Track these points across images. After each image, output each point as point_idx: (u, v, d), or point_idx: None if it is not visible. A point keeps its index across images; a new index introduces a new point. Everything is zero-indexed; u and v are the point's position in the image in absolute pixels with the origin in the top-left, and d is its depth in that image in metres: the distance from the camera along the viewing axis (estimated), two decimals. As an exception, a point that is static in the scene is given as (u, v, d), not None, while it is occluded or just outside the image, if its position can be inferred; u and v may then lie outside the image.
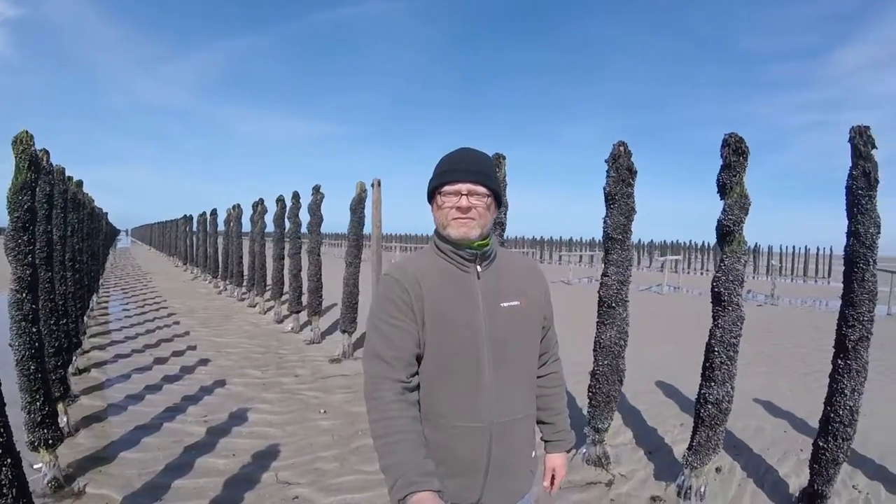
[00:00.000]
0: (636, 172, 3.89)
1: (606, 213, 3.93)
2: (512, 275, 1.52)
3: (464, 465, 1.42)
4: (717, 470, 3.98)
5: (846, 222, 3.28)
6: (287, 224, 9.19)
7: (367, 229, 6.98)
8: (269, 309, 10.39)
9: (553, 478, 1.67)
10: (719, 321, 3.48)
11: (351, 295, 7.00)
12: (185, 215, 21.75)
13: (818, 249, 38.69)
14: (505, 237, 4.74)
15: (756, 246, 38.67)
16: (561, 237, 49.93)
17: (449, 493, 1.31)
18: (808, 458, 3.92)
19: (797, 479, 3.93)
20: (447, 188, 1.43)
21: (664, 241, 45.78)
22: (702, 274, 32.78)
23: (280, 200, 9.65)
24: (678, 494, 3.59)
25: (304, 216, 8.31)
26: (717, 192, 3.52)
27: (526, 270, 1.58)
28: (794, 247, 39.74)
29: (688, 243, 44.05)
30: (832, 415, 3.28)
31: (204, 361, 6.62)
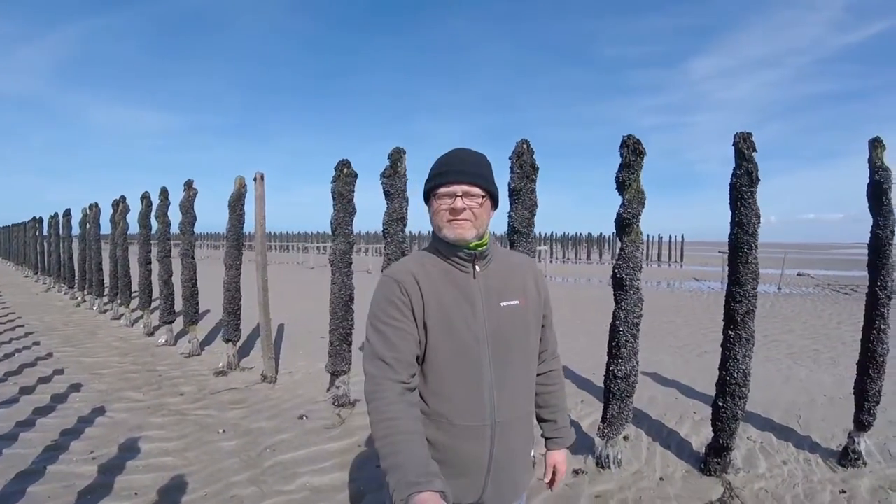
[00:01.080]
0: (538, 169, 3.88)
1: (511, 207, 3.89)
2: (511, 274, 1.52)
3: (466, 464, 1.42)
4: (625, 438, 4.27)
5: (730, 213, 3.68)
6: (154, 224, 8.10)
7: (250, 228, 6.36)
8: (138, 320, 9.23)
9: (554, 474, 1.69)
10: (622, 304, 3.76)
11: (233, 300, 6.31)
12: (35, 217, 19.03)
13: (670, 237, 43.72)
14: (408, 232, 4.69)
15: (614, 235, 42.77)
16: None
17: (451, 493, 1.25)
18: (702, 419, 4.63)
19: (697, 438, 4.36)
20: (442, 190, 1.43)
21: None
22: (562, 263, 35.74)
23: (145, 197, 8.47)
24: (597, 465, 3.80)
25: (175, 215, 7.35)
26: (616, 189, 3.78)
27: (524, 270, 1.57)
28: (648, 235, 43.69)
29: (548, 234, 46.78)
30: (728, 378, 3.67)
31: (76, 387, 5.64)
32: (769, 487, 3.58)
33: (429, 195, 1.48)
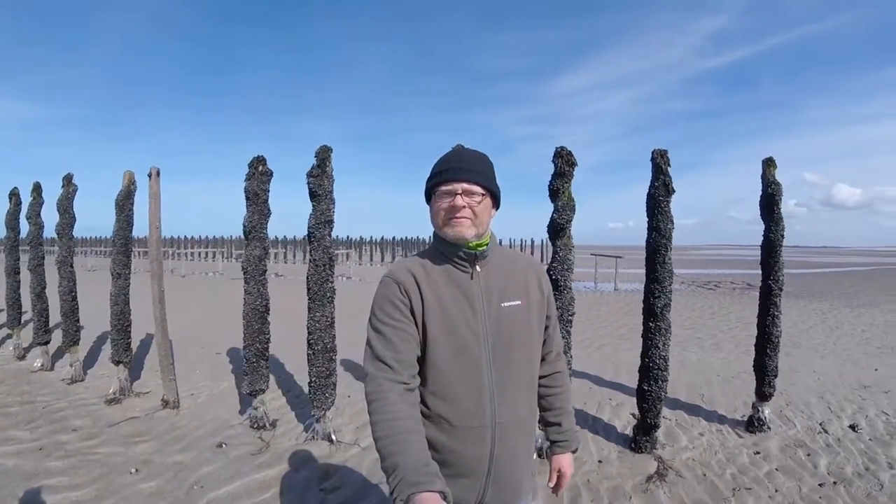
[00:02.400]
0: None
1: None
2: (513, 274, 1.50)
3: (466, 466, 1.40)
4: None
5: (647, 220, 4.16)
6: (25, 226, 6.90)
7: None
8: (5, 341, 7.83)
9: (559, 478, 1.65)
10: (558, 303, 3.93)
11: (122, 315, 5.40)
12: None
13: (531, 241, 45.88)
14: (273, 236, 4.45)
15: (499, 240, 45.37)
16: (348, 236, 48.83)
17: (451, 494, 1.23)
18: (618, 404, 5.11)
19: (620, 422, 4.74)
20: (442, 188, 1.41)
21: (397, 238, 47.48)
22: None
23: (14, 195, 7.15)
24: (538, 456, 3.88)
25: (51, 216, 6.25)
26: (549, 196, 4.02)
27: (527, 270, 1.54)
28: (521, 239, 46.15)
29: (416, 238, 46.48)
30: (651, 364, 4.07)
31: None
32: (695, 457, 4.01)
33: (429, 194, 1.47)
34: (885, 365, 7.22)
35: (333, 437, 4.17)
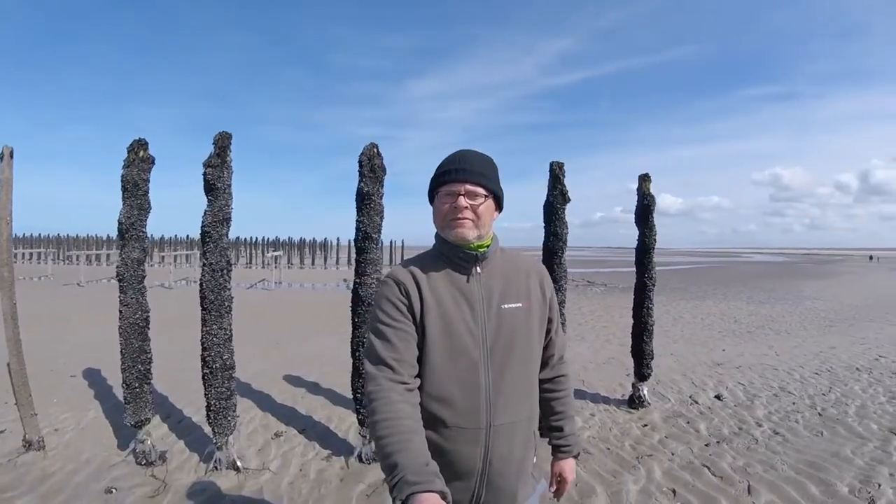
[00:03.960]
0: (386, 172, 3.90)
1: (361, 213, 3.84)
2: (514, 277, 1.49)
3: (459, 467, 1.39)
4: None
5: (545, 226, 4.66)
6: None
7: None
8: None
9: (560, 483, 1.66)
10: None
11: None
12: None
13: (391, 242, 41.20)
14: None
15: (338, 240, 45.20)
16: (163, 235, 45.00)
17: (450, 495, 1.24)
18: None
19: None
20: (444, 189, 1.42)
21: (262, 238, 45.25)
22: (300, 268, 36.20)
23: None
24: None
25: None
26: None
27: (529, 272, 1.53)
28: (349, 241, 44.70)
29: (287, 240, 44.86)
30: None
31: None
32: (594, 434, 4.48)
33: (432, 196, 1.47)
34: (729, 346, 8.73)
35: (239, 465, 3.74)
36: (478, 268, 1.44)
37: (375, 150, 3.82)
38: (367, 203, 3.79)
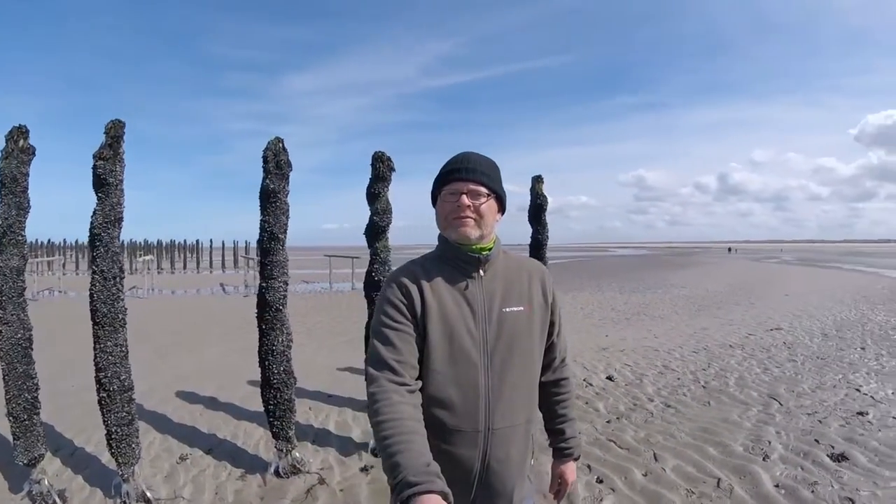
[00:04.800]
0: (292, 167, 3.74)
1: (266, 211, 3.64)
2: (517, 279, 1.49)
3: (456, 469, 1.38)
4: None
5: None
6: None
7: None
8: None
9: (561, 485, 1.66)
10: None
11: None
12: None
13: (246, 243, 38.84)
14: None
15: (212, 241, 41.93)
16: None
17: (451, 496, 1.25)
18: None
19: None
20: (447, 188, 1.43)
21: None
22: (172, 273, 33.13)
23: None
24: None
25: None
26: (367, 199, 4.11)
27: (531, 275, 1.53)
28: (234, 240, 40.49)
29: (156, 242, 41.79)
30: None
31: None
32: None
33: (435, 197, 1.47)
34: (611, 332, 9.42)
35: (150, 496, 3.36)
36: (480, 270, 1.45)
37: (281, 144, 3.64)
38: (273, 202, 3.60)
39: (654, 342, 8.23)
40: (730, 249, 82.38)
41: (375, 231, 4.08)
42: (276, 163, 3.61)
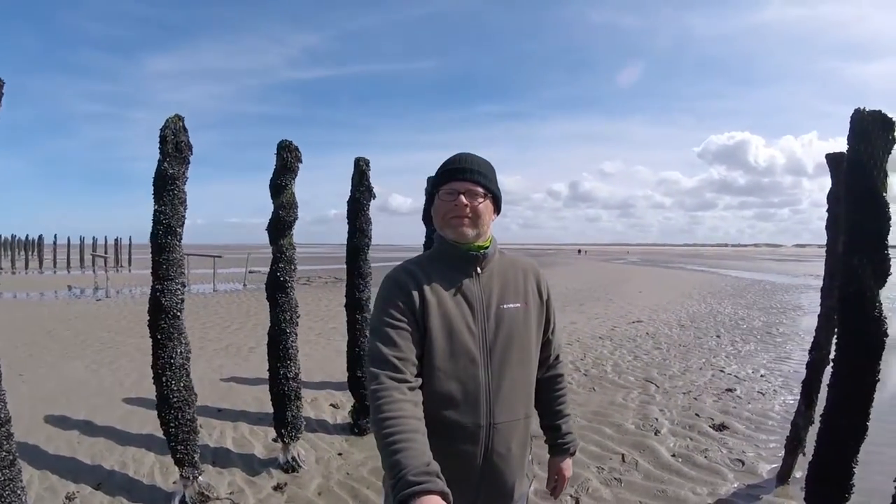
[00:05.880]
0: (192, 150, 3.30)
1: (161, 201, 3.16)
2: (513, 277, 1.52)
3: (458, 466, 1.39)
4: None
5: (349, 223, 4.55)
6: None
7: None
8: None
9: (558, 481, 1.70)
10: (285, 305, 3.80)
11: None
12: None
13: (116, 239, 35.86)
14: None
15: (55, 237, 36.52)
16: None
17: (451, 495, 1.24)
18: (313, 399, 5.27)
19: (326, 415, 4.81)
20: (444, 188, 1.46)
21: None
22: (13, 273, 28.17)
23: None
24: (287, 470, 3.68)
25: None
26: (271, 192, 3.82)
27: (528, 273, 1.56)
28: (81, 237, 35.04)
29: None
30: (361, 352, 4.36)
31: None
32: None
33: (432, 197, 1.51)
34: None
35: None
36: (478, 268, 1.48)
37: (181, 123, 3.19)
38: (171, 189, 3.13)
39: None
40: (580, 251, 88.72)
41: (280, 227, 3.77)
42: (175, 144, 3.14)
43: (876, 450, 3.34)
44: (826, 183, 3.21)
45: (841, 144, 2.59)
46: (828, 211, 3.22)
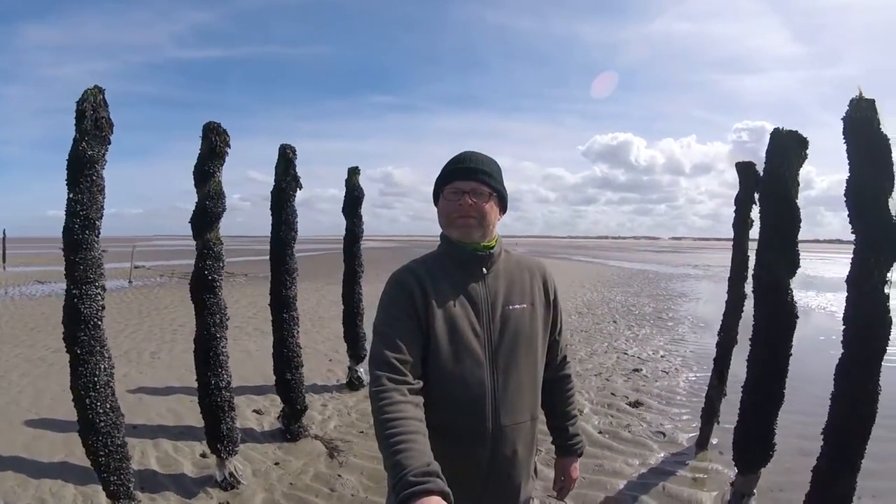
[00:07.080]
0: (113, 129, 2.81)
1: (76, 188, 2.65)
2: (519, 277, 1.50)
3: (463, 468, 1.37)
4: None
5: (273, 214, 4.24)
6: None
7: None
8: None
9: (565, 482, 1.67)
10: (213, 308, 3.45)
11: None
12: None
13: None
14: None
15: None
16: None
17: (451, 496, 1.23)
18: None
19: (251, 422, 4.61)
20: (449, 187, 1.44)
21: None
22: None
23: None
24: (225, 488, 3.42)
25: None
26: (195, 180, 3.44)
27: (534, 273, 1.52)
28: None
29: None
30: (289, 353, 4.19)
31: None
32: (338, 423, 4.47)
33: (437, 196, 1.48)
34: None
35: None
36: (483, 268, 1.45)
37: (102, 96, 2.70)
38: (90, 174, 2.64)
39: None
40: None
41: (207, 219, 3.37)
42: (94, 120, 2.64)
43: (792, 417, 3.82)
44: (701, 182, 3.80)
45: (716, 148, 3.02)
46: (735, 212, 3.73)
